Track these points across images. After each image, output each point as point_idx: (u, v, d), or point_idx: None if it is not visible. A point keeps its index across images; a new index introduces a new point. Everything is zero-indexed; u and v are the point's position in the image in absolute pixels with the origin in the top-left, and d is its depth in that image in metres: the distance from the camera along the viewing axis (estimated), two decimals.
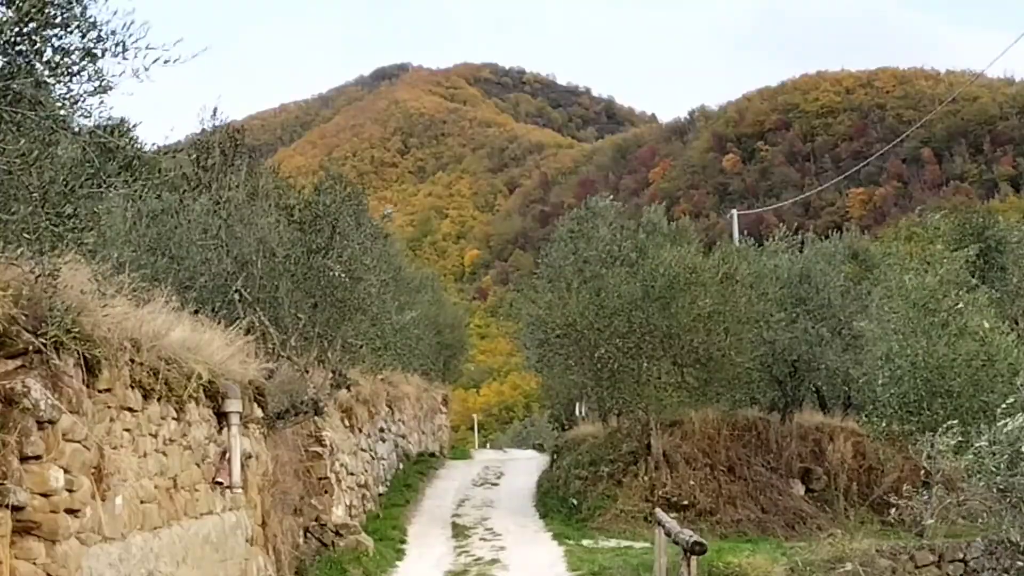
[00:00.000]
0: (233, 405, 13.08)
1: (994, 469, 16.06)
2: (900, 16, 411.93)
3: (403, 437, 34.11)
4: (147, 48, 7.50)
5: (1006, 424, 16.02)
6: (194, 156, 19.25)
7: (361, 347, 23.54)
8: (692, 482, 27.88)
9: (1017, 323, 23.29)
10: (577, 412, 41.72)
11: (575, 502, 28.39)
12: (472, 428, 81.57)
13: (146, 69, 7.64)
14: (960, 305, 21.41)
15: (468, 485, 33.49)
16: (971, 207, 31.14)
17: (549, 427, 57.23)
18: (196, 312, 13.93)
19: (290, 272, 19.30)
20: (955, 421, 19.66)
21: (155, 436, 10.69)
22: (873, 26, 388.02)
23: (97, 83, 7.62)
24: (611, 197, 32.41)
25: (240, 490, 13.52)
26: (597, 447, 30.23)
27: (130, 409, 9.90)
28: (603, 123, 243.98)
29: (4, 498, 7.46)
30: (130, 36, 7.46)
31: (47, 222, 7.80)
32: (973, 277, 23.84)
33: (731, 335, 27.04)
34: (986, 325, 21.25)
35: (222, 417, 13.00)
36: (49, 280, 7.96)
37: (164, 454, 10.94)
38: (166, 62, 7.59)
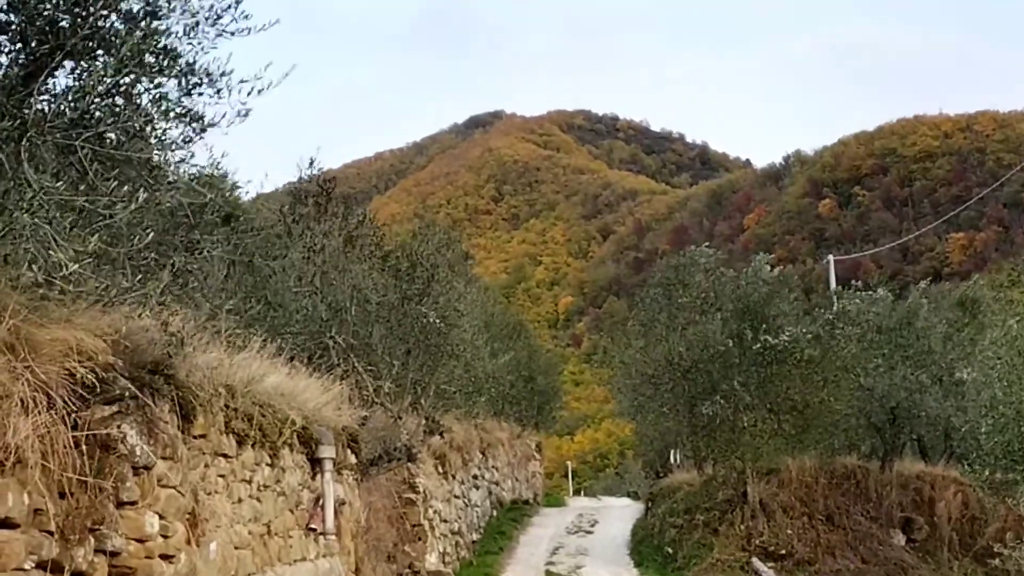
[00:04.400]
0: (327, 451, 13.10)
1: None
2: (999, 59, 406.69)
3: (496, 484, 34.05)
4: (240, 83, 7.57)
5: None
6: (287, 206, 19.48)
7: (455, 393, 23.61)
8: (789, 531, 27.46)
9: None
10: (671, 459, 41.39)
11: (670, 551, 28.10)
12: (566, 475, 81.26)
13: (243, 104, 7.72)
14: None
15: (562, 532, 33.31)
16: None
17: (643, 475, 56.82)
18: (291, 359, 14.01)
19: (384, 319, 19.41)
20: None
21: (249, 482, 10.73)
22: (971, 69, 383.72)
23: (194, 127, 7.72)
24: (709, 246, 32.14)
25: (334, 536, 13.52)
26: (692, 495, 29.94)
27: (224, 455, 9.94)
28: (697, 169, 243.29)
29: (101, 543, 7.51)
30: (225, 80, 7.54)
31: (150, 267, 7.89)
32: None
33: (828, 382, 26.68)
34: None
35: (316, 463, 13.03)
36: (152, 326, 8.04)
37: (258, 500, 10.97)
38: (260, 92, 7.64)
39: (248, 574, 10.42)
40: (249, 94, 7.69)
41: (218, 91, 7.63)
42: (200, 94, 7.54)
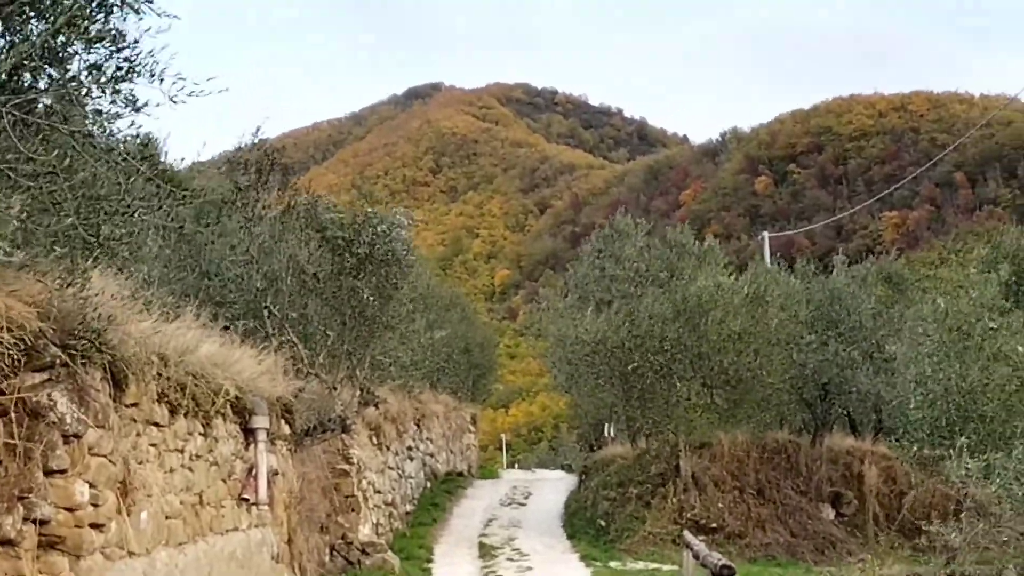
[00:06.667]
0: (260, 421, 13.07)
1: (1022, 498, 15.86)
2: (933, 40, 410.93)
3: (431, 456, 34.07)
4: (177, 77, 7.50)
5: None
6: (228, 173, 19.32)
7: (390, 365, 23.55)
8: (721, 505, 27.71)
9: None
10: (606, 433, 41.57)
11: (603, 523, 28.26)
12: (500, 448, 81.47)
13: (173, 99, 7.64)
14: (994, 327, 21.20)
15: (496, 505, 33.40)
16: (1004, 231, 30.73)
17: (577, 448, 57.10)
18: (226, 328, 13.93)
19: (320, 290, 19.33)
20: (987, 447, 19.49)
21: (181, 451, 10.69)
22: (907, 50, 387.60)
23: (127, 105, 7.62)
24: (632, 215, 32.23)
25: (266, 507, 13.50)
26: (626, 468, 30.11)
27: (157, 424, 9.89)
28: (635, 144, 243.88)
29: (29, 512, 7.46)
30: (160, 65, 7.47)
31: (79, 234, 7.81)
32: (1007, 300, 23.63)
33: (761, 356, 26.92)
34: (1020, 349, 21.01)
35: (249, 433, 12.99)
36: (78, 293, 7.95)
37: (190, 470, 10.93)
38: (191, 94, 7.58)
39: (179, 544, 10.39)
40: (186, 92, 7.61)
41: (154, 76, 7.55)
42: (136, 72, 7.45)
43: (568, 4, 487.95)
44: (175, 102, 7.61)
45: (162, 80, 7.55)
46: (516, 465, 72.40)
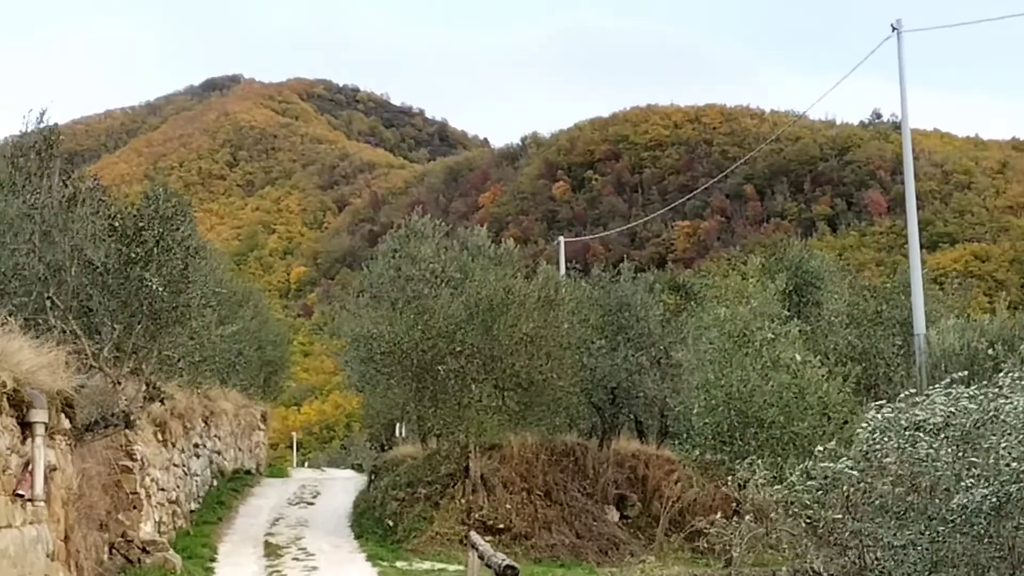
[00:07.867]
0: (39, 415, 12.66)
1: (806, 503, 16.48)
2: (728, 55, 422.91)
3: (218, 453, 33.56)
4: None
5: (826, 463, 16.43)
6: (10, 158, 18.69)
7: (178, 360, 23.07)
8: (509, 506, 28.03)
9: (828, 357, 23.95)
10: (397, 433, 41.62)
11: (391, 523, 28.27)
12: (291, 446, 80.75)
13: None
14: (772, 337, 21.98)
15: (283, 504, 33.09)
16: (788, 243, 31.93)
17: (369, 447, 57.00)
18: (5, 318, 13.46)
19: (106, 282, 18.82)
20: (765, 451, 20.20)
21: None
22: (702, 63, 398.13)
23: None
24: (431, 216, 32.51)
25: (42, 503, 13.09)
26: (416, 468, 30.21)
27: None
28: (436, 145, 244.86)
29: None
30: None
31: None
32: (787, 310, 24.51)
33: (552, 360, 27.30)
34: (797, 358, 21.84)
35: (26, 427, 12.57)
36: None
37: None
38: None
39: None
40: None
41: None
42: None
43: (371, 2, 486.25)
44: None
45: None
46: (307, 464, 71.97)
